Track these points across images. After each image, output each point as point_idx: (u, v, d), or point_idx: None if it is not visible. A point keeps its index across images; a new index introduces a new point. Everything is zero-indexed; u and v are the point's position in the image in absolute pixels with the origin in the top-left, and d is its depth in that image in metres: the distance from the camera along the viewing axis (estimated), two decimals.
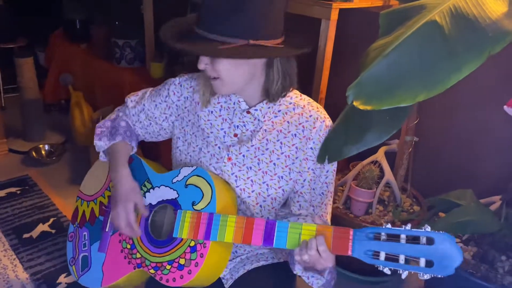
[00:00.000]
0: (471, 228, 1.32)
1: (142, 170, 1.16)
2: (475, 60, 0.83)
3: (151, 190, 1.12)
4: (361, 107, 0.90)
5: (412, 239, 0.82)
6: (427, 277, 0.80)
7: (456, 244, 0.79)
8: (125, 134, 1.19)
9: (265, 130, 1.09)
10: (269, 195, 1.09)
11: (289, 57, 1.03)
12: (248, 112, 1.09)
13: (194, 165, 1.11)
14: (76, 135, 2.81)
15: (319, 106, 1.11)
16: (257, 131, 1.09)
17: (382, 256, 0.83)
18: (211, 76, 1.01)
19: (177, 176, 1.08)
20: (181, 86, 1.17)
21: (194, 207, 1.03)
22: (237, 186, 1.09)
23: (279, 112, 1.09)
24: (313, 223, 0.93)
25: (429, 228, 0.81)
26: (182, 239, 1.01)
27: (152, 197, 1.11)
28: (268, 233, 0.94)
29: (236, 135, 1.11)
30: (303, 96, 1.12)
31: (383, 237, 0.84)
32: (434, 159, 2.01)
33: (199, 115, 1.14)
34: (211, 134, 1.12)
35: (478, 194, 1.43)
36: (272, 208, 1.12)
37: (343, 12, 1.59)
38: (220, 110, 1.12)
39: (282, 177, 1.09)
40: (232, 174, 1.09)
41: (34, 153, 2.80)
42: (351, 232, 0.87)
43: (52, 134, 3.07)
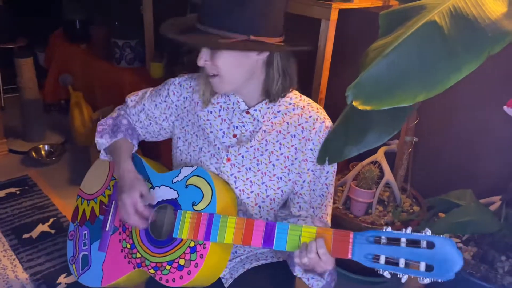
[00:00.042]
0: (471, 228, 1.32)
1: (143, 170, 1.16)
2: (475, 60, 0.83)
3: (151, 190, 1.12)
4: (360, 107, 0.89)
5: (413, 243, 0.82)
6: (427, 281, 0.79)
7: (457, 249, 0.79)
8: (126, 132, 1.20)
9: (264, 131, 1.09)
10: (268, 195, 1.09)
11: (289, 56, 1.03)
12: (247, 113, 1.09)
13: (195, 165, 1.11)
14: (76, 135, 2.81)
15: (319, 107, 1.11)
16: (256, 132, 1.09)
17: (382, 259, 0.83)
18: (210, 73, 1.01)
19: (177, 176, 1.08)
20: (180, 86, 1.17)
21: (194, 207, 1.02)
22: (236, 187, 1.09)
23: (278, 112, 1.09)
24: (313, 225, 0.93)
25: (429, 232, 0.81)
26: (182, 240, 1.01)
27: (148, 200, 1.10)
28: (268, 235, 0.94)
29: (235, 135, 1.10)
30: (303, 97, 1.12)
31: (383, 240, 0.84)
32: (434, 159, 2.01)
33: (198, 115, 1.14)
34: (211, 134, 1.12)
35: (478, 194, 1.43)
36: (271, 209, 1.12)
37: (343, 12, 1.59)
38: (220, 111, 1.12)
39: (281, 178, 1.08)
40: (231, 175, 1.09)
41: (34, 153, 2.79)
42: (351, 235, 0.87)
43: (52, 134, 3.06)
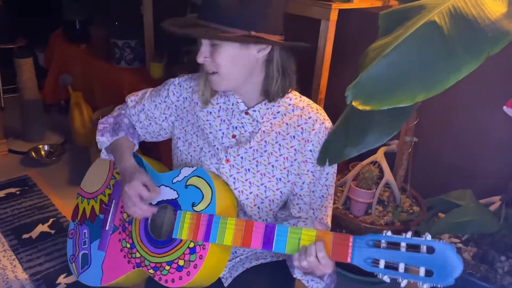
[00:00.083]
0: (470, 229, 1.32)
1: (143, 169, 1.16)
2: (474, 61, 0.83)
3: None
4: (360, 107, 0.89)
5: (412, 248, 0.81)
6: (426, 286, 0.79)
7: (457, 254, 0.78)
8: (128, 131, 1.20)
9: (264, 132, 1.08)
10: (267, 197, 1.09)
11: (289, 56, 1.04)
12: (247, 113, 1.09)
13: (195, 165, 1.11)
14: (75, 135, 2.81)
15: (319, 107, 1.11)
16: (256, 133, 1.09)
17: (382, 264, 0.82)
18: (210, 71, 1.01)
19: (178, 176, 1.08)
20: (180, 86, 1.17)
21: (194, 208, 1.02)
22: (236, 188, 1.09)
23: (278, 113, 1.09)
24: (313, 227, 0.93)
25: (429, 237, 0.81)
26: (182, 240, 1.01)
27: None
28: (267, 237, 0.94)
29: (234, 136, 1.10)
30: (303, 98, 1.12)
31: (383, 244, 0.84)
32: (433, 159, 2.01)
33: (198, 116, 1.14)
34: (210, 134, 1.12)
35: (477, 195, 1.43)
36: (270, 210, 1.12)
37: (342, 12, 1.59)
38: (219, 111, 1.12)
39: (280, 179, 1.08)
40: (230, 176, 1.09)
41: (33, 153, 2.79)
42: (351, 239, 0.87)
43: (52, 135, 3.06)
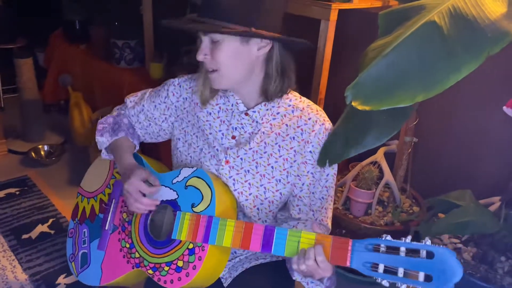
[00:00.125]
0: (470, 229, 1.32)
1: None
2: (474, 61, 0.83)
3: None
4: (359, 107, 0.89)
5: (412, 252, 0.81)
6: None
7: (457, 260, 0.78)
8: (128, 131, 1.20)
9: (263, 133, 1.08)
10: (266, 198, 1.09)
11: (288, 55, 1.04)
12: (246, 114, 1.09)
13: (195, 166, 1.10)
14: (75, 135, 2.81)
15: (319, 108, 1.11)
16: (255, 134, 1.08)
17: (381, 268, 0.82)
18: (209, 69, 1.01)
19: (177, 176, 1.08)
20: (180, 87, 1.17)
21: (193, 209, 1.02)
22: (235, 190, 1.08)
23: (277, 114, 1.09)
24: (312, 230, 0.93)
25: (429, 242, 0.80)
26: (181, 241, 1.01)
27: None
28: (266, 240, 0.94)
29: (234, 137, 1.10)
30: (303, 99, 1.12)
31: (383, 249, 0.84)
32: (433, 159, 2.01)
33: (198, 116, 1.14)
34: (210, 135, 1.12)
35: (477, 195, 1.43)
36: (269, 211, 1.12)
37: (342, 12, 1.59)
38: (219, 112, 1.12)
39: (280, 180, 1.08)
40: (230, 177, 1.09)
41: (33, 153, 2.79)
42: (350, 243, 0.87)
43: (51, 135, 3.06)
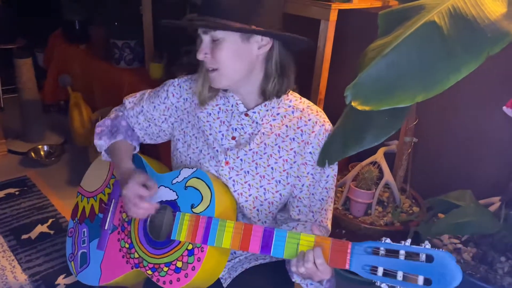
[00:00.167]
0: (470, 229, 1.32)
1: (143, 169, 1.16)
2: (474, 61, 0.82)
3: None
4: (359, 107, 0.89)
5: (411, 256, 0.81)
6: None
7: (456, 264, 0.78)
8: (126, 134, 1.19)
9: (263, 134, 1.08)
10: (266, 199, 1.09)
11: (288, 55, 1.04)
12: (247, 115, 1.09)
13: (194, 167, 1.10)
14: (75, 136, 2.81)
15: (319, 109, 1.10)
16: (255, 134, 1.08)
17: (380, 271, 0.82)
18: (210, 68, 1.01)
19: (177, 177, 1.08)
20: (180, 87, 1.16)
21: (193, 209, 1.02)
22: (235, 191, 1.08)
23: (277, 115, 1.09)
24: (311, 231, 0.93)
25: (429, 245, 0.80)
26: (180, 242, 1.01)
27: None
28: (265, 241, 0.93)
29: (234, 138, 1.10)
30: (303, 99, 1.12)
31: (382, 252, 0.83)
32: (433, 160, 2.01)
33: (198, 117, 1.13)
34: (210, 136, 1.12)
35: (477, 195, 1.42)
36: (269, 212, 1.12)
37: (342, 13, 1.59)
38: (219, 113, 1.12)
39: (280, 181, 1.08)
40: (230, 178, 1.08)
41: (33, 154, 2.79)
42: (349, 246, 0.87)
43: (51, 135, 3.06)
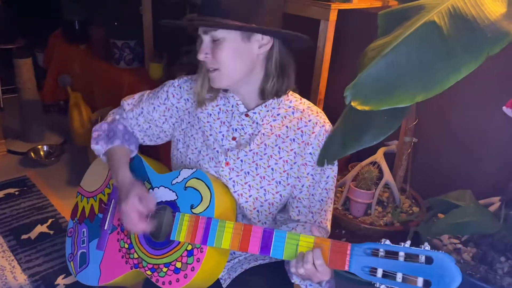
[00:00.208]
0: (470, 229, 1.32)
1: (143, 170, 1.16)
2: (474, 61, 0.82)
3: (150, 190, 1.11)
4: (359, 107, 0.89)
5: (411, 257, 0.81)
6: None
7: (455, 265, 0.78)
8: (123, 138, 1.18)
9: (264, 134, 1.08)
10: (266, 200, 1.09)
11: (288, 55, 1.04)
12: (247, 115, 1.09)
13: (194, 168, 1.10)
14: (74, 136, 2.81)
15: (319, 110, 1.10)
16: (256, 135, 1.08)
17: (379, 273, 0.82)
18: (210, 68, 1.01)
19: (177, 177, 1.08)
20: (180, 88, 1.16)
21: (192, 210, 1.02)
22: (235, 191, 1.08)
23: (278, 116, 1.09)
24: (311, 233, 0.93)
25: (428, 247, 0.80)
26: (180, 242, 1.01)
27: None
28: (265, 242, 0.93)
29: (234, 138, 1.10)
30: (303, 100, 1.11)
31: (381, 253, 0.83)
32: (433, 160, 2.01)
33: (199, 117, 1.13)
34: (210, 137, 1.11)
35: (477, 195, 1.43)
36: (269, 213, 1.11)
37: (342, 13, 1.59)
38: (219, 113, 1.12)
39: (280, 182, 1.08)
40: (230, 179, 1.08)
41: (32, 154, 2.79)
42: (348, 247, 0.87)
43: (51, 135, 3.06)
